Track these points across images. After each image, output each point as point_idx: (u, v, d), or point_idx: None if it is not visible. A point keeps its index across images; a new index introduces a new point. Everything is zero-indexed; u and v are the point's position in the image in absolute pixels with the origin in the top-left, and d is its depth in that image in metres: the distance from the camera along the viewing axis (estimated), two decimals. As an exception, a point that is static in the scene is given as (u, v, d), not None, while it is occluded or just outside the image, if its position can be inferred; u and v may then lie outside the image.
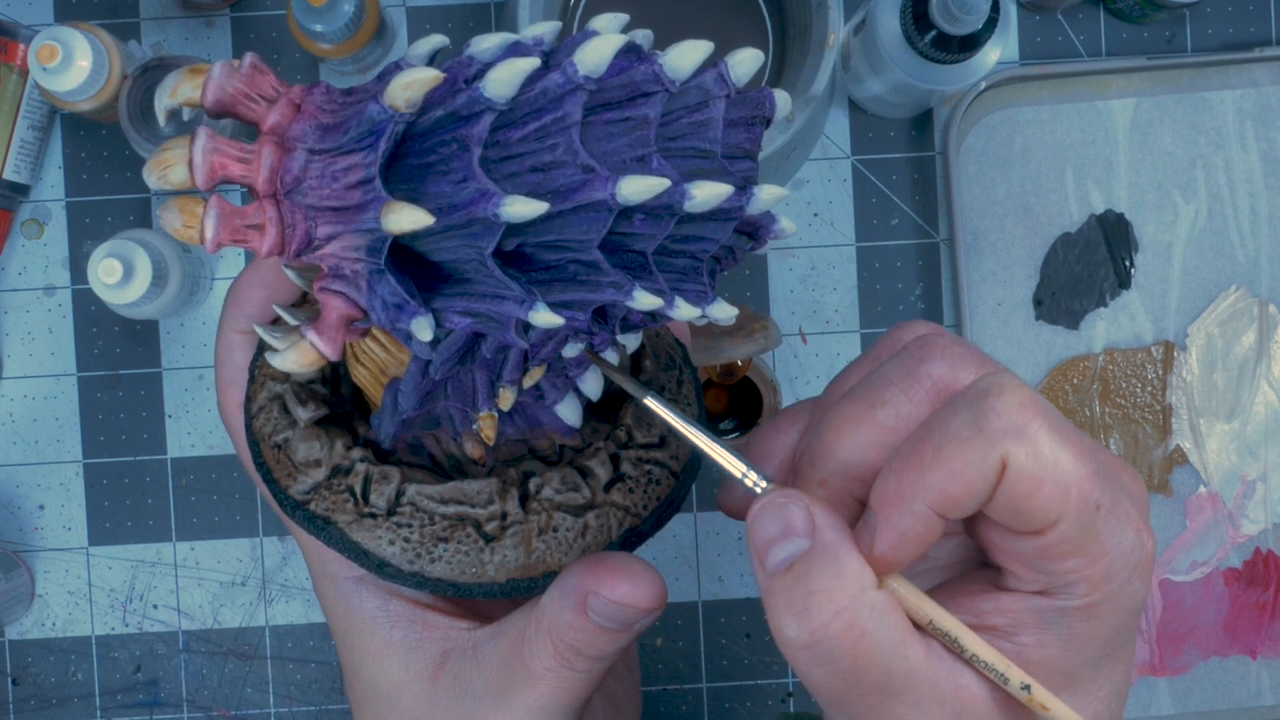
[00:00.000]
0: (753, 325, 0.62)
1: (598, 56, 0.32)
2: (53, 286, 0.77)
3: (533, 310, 0.33)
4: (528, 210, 0.31)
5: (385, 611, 0.41)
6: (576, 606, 0.37)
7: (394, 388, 0.40)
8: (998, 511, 0.32)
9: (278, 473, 0.41)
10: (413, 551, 0.39)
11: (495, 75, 0.32)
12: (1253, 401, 0.77)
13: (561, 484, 0.40)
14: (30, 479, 0.77)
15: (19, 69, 0.72)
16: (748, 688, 0.77)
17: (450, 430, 0.41)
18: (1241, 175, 0.76)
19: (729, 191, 0.33)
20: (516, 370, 0.39)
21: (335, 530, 0.39)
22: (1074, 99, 0.76)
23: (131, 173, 0.76)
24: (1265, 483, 0.77)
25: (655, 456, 0.42)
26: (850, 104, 0.76)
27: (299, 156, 0.32)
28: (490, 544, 0.39)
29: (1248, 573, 0.77)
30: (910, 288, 0.77)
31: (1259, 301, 0.77)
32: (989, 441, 0.31)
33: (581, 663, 0.38)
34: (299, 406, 0.41)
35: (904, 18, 0.67)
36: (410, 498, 0.39)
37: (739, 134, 0.35)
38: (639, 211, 0.33)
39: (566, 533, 0.40)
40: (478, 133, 0.32)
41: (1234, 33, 0.77)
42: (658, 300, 0.34)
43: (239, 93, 0.33)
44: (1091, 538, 0.32)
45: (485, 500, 0.40)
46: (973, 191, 0.76)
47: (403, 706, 0.41)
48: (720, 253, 0.36)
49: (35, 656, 0.77)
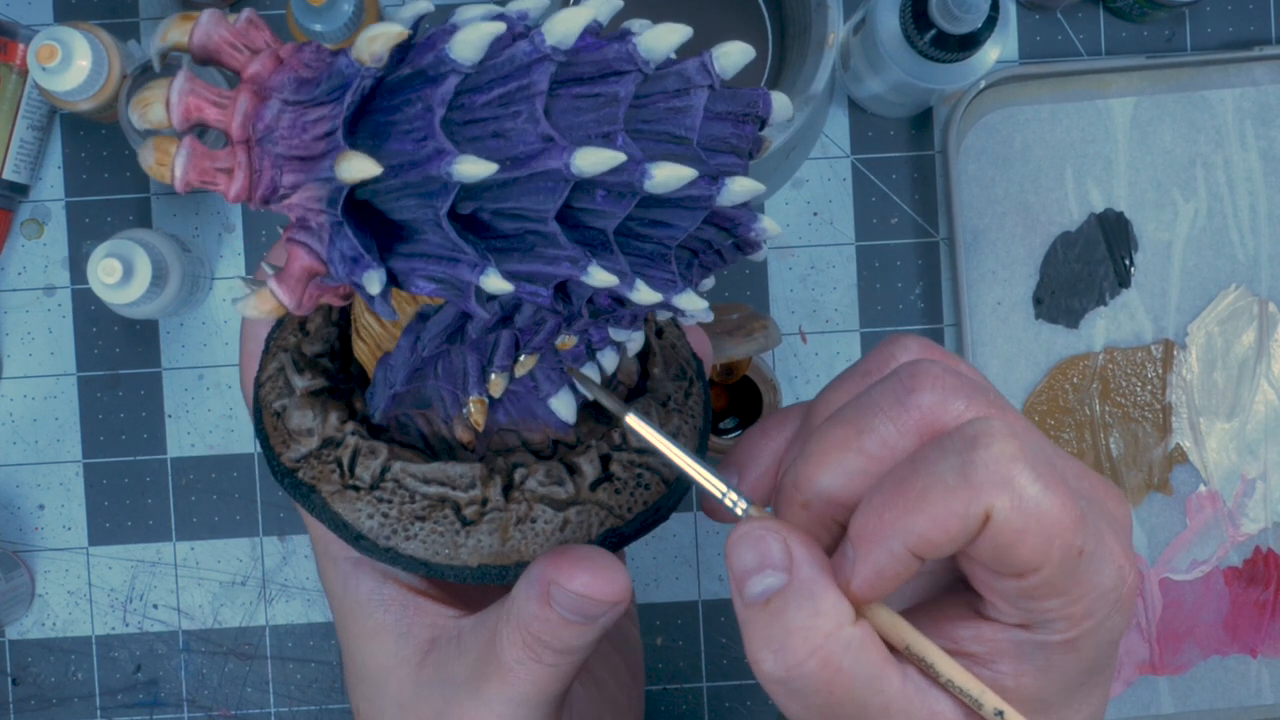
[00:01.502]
0: (753, 324, 0.62)
1: (565, 27, 0.32)
2: (52, 286, 0.77)
3: (484, 275, 0.33)
4: (478, 170, 0.32)
5: (379, 595, 0.41)
6: (540, 597, 0.37)
7: (385, 362, 0.40)
8: (980, 554, 0.32)
9: (274, 440, 0.41)
10: (389, 527, 0.39)
11: (461, 37, 0.32)
12: (1253, 400, 0.77)
13: (546, 476, 0.40)
14: (30, 479, 0.77)
15: (18, 69, 0.72)
16: (748, 687, 0.77)
17: (441, 412, 0.41)
18: (1241, 174, 0.76)
19: (691, 175, 0.33)
20: (508, 356, 0.39)
21: (318, 499, 0.40)
22: (1074, 98, 0.76)
23: (131, 172, 0.76)
24: (1265, 481, 0.77)
25: (648, 461, 0.42)
26: (850, 103, 0.76)
27: (273, 105, 0.33)
28: (467, 527, 0.39)
29: (1248, 571, 0.77)
30: (910, 287, 0.77)
31: (1259, 300, 0.77)
32: (974, 493, 0.31)
33: (549, 655, 0.38)
34: (296, 375, 0.42)
35: (903, 17, 0.67)
36: (394, 474, 0.40)
37: (724, 128, 0.35)
38: (600, 188, 0.33)
39: (545, 525, 0.40)
40: (441, 93, 0.32)
41: (1233, 31, 0.77)
42: (613, 279, 0.34)
43: (224, 40, 0.33)
44: (1073, 581, 0.32)
45: (468, 484, 0.40)
46: (972, 190, 0.76)
47: (390, 691, 0.41)
48: (697, 245, 0.36)
49: (35, 656, 0.77)
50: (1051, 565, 0.32)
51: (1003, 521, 0.31)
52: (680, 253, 0.36)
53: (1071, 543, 0.32)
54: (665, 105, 0.34)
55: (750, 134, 0.36)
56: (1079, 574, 0.33)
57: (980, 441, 0.32)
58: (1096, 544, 0.33)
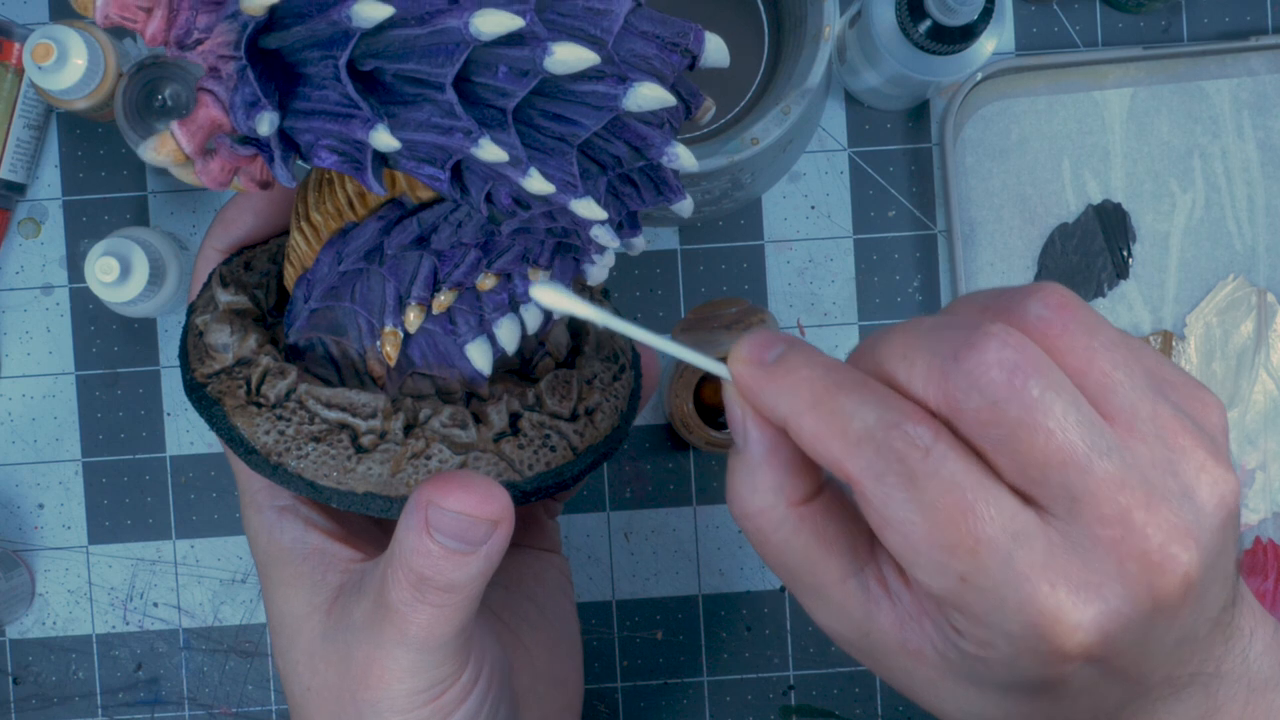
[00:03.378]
0: (750, 318, 0.62)
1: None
2: (50, 285, 0.77)
3: (374, 130, 0.33)
4: (375, 13, 0.32)
5: (301, 543, 0.41)
6: (419, 526, 0.37)
7: (304, 280, 0.40)
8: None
9: (191, 357, 0.41)
10: (284, 445, 0.39)
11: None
12: (1252, 390, 0.77)
13: (450, 419, 0.40)
14: (29, 478, 0.77)
15: (14, 67, 0.72)
16: (749, 681, 0.77)
17: (356, 343, 0.41)
18: (1238, 164, 0.76)
19: (592, 58, 0.33)
20: (426, 288, 0.39)
21: (220, 411, 0.40)
22: (1070, 89, 0.76)
23: (128, 171, 0.76)
24: (1265, 471, 0.77)
25: (560, 426, 0.41)
26: (846, 96, 0.76)
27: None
28: (360, 455, 0.39)
29: (1248, 562, 0.77)
30: (908, 279, 0.77)
31: (1257, 290, 0.77)
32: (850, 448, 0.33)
33: (434, 595, 0.38)
34: (221, 289, 0.42)
35: (899, 9, 0.67)
36: (298, 395, 0.40)
37: (647, 47, 0.35)
38: (502, 63, 0.33)
39: (440, 464, 0.39)
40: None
41: (1230, 21, 0.77)
42: (503, 155, 0.34)
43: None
44: (960, 605, 0.33)
45: (369, 414, 0.40)
46: (970, 183, 0.76)
47: (301, 640, 0.41)
48: (606, 159, 0.36)
49: (36, 655, 0.77)
50: (931, 580, 0.33)
51: (862, 500, 0.33)
52: (586, 162, 0.36)
53: (948, 565, 0.32)
54: (585, 4, 0.34)
55: (676, 63, 0.36)
56: (966, 601, 0.32)
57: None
58: (999, 579, 0.32)
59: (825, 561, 0.35)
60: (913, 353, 0.33)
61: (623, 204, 0.38)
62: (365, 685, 0.39)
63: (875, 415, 0.32)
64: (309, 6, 0.33)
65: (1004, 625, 0.32)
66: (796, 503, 0.35)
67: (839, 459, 0.33)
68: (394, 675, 0.39)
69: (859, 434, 0.32)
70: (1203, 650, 0.35)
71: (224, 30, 0.33)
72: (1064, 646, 0.32)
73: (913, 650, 0.35)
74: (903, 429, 0.32)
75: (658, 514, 0.76)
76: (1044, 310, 0.33)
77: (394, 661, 0.38)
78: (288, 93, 0.34)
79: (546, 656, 0.47)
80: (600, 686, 0.76)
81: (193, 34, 0.34)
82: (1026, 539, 0.32)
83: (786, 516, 0.35)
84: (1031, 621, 0.32)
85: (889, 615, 0.35)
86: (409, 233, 0.38)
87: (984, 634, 0.33)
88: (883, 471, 0.32)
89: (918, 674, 0.35)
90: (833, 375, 0.33)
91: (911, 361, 0.33)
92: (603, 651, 0.76)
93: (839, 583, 0.35)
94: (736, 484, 0.36)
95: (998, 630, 0.32)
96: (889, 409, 0.32)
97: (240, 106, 0.34)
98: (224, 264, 0.44)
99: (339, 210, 0.39)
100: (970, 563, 0.32)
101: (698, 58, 0.36)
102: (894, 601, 0.35)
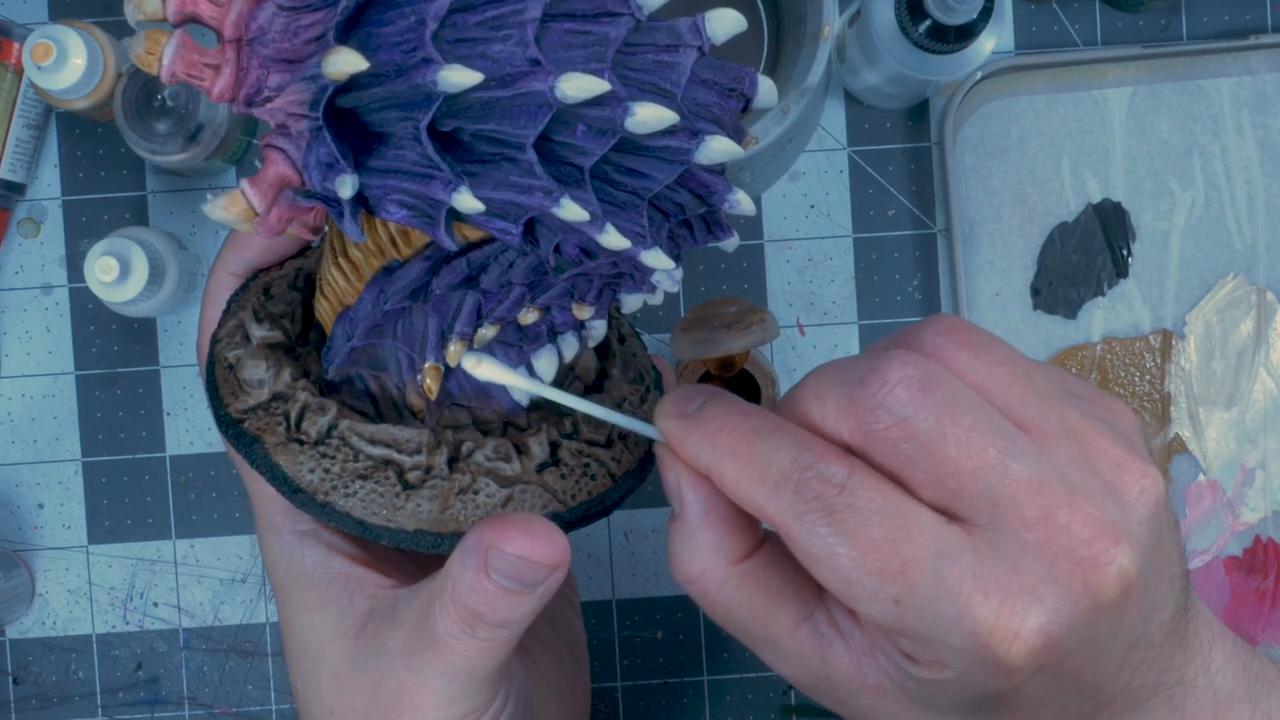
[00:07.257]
0: (750, 318, 0.62)
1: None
2: (50, 285, 0.77)
3: (457, 192, 0.33)
4: (463, 79, 0.32)
5: (325, 568, 0.41)
6: (478, 566, 0.37)
7: (346, 316, 0.40)
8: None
9: (223, 391, 0.41)
10: (330, 483, 0.39)
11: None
12: (1251, 389, 0.77)
13: (494, 452, 0.40)
14: (29, 478, 0.77)
15: (14, 67, 0.72)
16: (749, 680, 0.77)
17: (395, 377, 0.40)
18: (1238, 163, 0.76)
19: (673, 117, 0.33)
20: (469, 323, 0.39)
21: (261, 449, 0.39)
22: (1070, 88, 0.76)
23: (128, 170, 0.76)
24: (1265, 470, 0.77)
25: (598, 454, 0.41)
26: (846, 95, 0.76)
27: (268, 8, 0.33)
28: (408, 491, 0.39)
29: (1248, 561, 0.77)
30: (908, 278, 0.77)
31: (1257, 289, 0.77)
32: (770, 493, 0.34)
33: (484, 630, 0.38)
34: (255, 324, 0.41)
35: (899, 8, 0.67)
36: (341, 431, 0.39)
37: (708, 95, 0.35)
38: (581, 122, 0.33)
39: (487, 499, 0.39)
40: (435, 9, 0.32)
41: (1229, 20, 0.77)
42: (584, 214, 0.34)
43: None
44: (901, 630, 0.34)
45: (414, 449, 0.39)
46: (969, 182, 0.76)
47: (327, 665, 0.40)
48: (669, 207, 0.36)
49: (36, 655, 0.77)
50: (868, 609, 0.33)
51: (790, 542, 0.33)
52: (652, 211, 0.36)
53: (880, 590, 0.32)
54: (654, 57, 0.34)
55: (733, 108, 0.36)
56: (906, 623, 0.33)
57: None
58: (931, 596, 0.32)
59: (774, 612, 0.36)
60: (824, 390, 0.34)
61: (677, 245, 0.38)
62: (398, 712, 0.39)
63: (790, 458, 0.33)
64: (389, 69, 0.33)
65: (947, 640, 0.32)
66: (736, 561, 0.36)
67: (761, 503, 0.33)
68: (430, 704, 0.39)
69: (777, 477, 0.33)
70: (1162, 659, 0.36)
71: (297, 90, 0.33)
72: (1009, 655, 0.32)
73: (872, 686, 0.35)
74: (817, 469, 0.33)
75: (658, 514, 0.76)
76: (938, 336, 0.34)
77: (432, 691, 0.39)
78: (360, 149, 0.34)
79: (558, 671, 0.47)
80: (600, 686, 0.76)
81: (263, 92, 0.33)
82: (952, 553, 0.32)
83: (729, 575, 0.35)
84: (971, 632, 0.32)
85: (844, 655, 0.35)
86: (458, 273, 0.38)
87: (932, 654, 0.33)
88: (802, 511, 0.33)
89: (882, 710, 0.36)
90: (750, 422, 0.34)
91: (823, 399, 0.34)
92: (603, 651, 0.76)
93: (791, 631, 0.36)
94: (676, 549, 0.36)
95: (943, 647, 0.33)
96: (803, 450, 0.33)
97: (315, 167, 0.33)
98: (244, 290, 0.43)
99: (380, 247, 0.39)
100: (901, 584, 0.32)
101: (751, 100, 0.36)
102: (847, 641, 0.35)
